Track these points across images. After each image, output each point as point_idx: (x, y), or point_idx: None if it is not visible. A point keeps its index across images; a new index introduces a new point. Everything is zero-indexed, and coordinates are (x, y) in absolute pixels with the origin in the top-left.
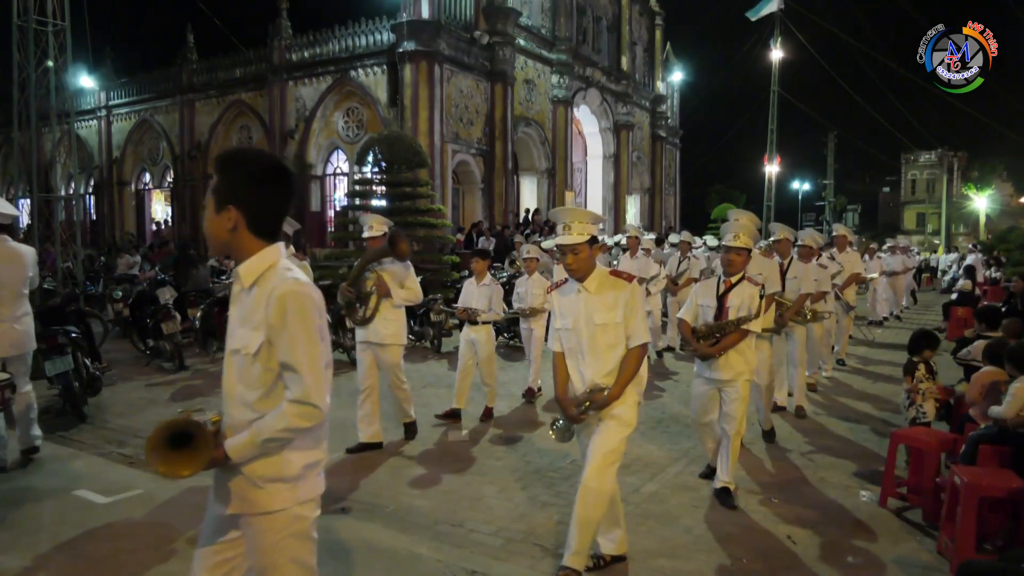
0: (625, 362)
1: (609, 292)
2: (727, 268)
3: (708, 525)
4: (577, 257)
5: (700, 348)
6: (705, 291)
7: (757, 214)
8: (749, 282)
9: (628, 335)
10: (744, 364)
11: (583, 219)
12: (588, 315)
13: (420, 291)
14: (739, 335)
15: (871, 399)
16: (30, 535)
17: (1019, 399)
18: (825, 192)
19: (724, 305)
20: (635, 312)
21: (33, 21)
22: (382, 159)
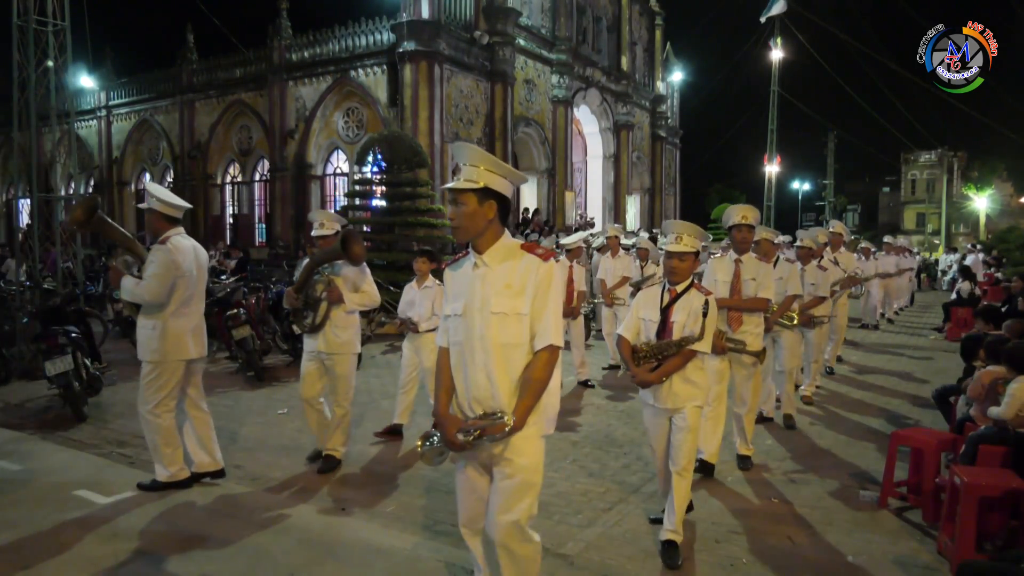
0: (529, 373)
1: (516, 271)
2: (670, 276)
3: (708, 525)
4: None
5: (638, 374)
6: (647, 302)
7: None
8: (697, 291)
9: (534, 332)
10: (691, 390)
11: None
12: (484, 299)
13: (377, 294)
14: (682, 358)
15: (871, 400)
16: (30, 535)
17: (1018, 399)
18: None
19: (668, 319)
20: (547, 301)
21: (33, 21)
22: (382, 159)
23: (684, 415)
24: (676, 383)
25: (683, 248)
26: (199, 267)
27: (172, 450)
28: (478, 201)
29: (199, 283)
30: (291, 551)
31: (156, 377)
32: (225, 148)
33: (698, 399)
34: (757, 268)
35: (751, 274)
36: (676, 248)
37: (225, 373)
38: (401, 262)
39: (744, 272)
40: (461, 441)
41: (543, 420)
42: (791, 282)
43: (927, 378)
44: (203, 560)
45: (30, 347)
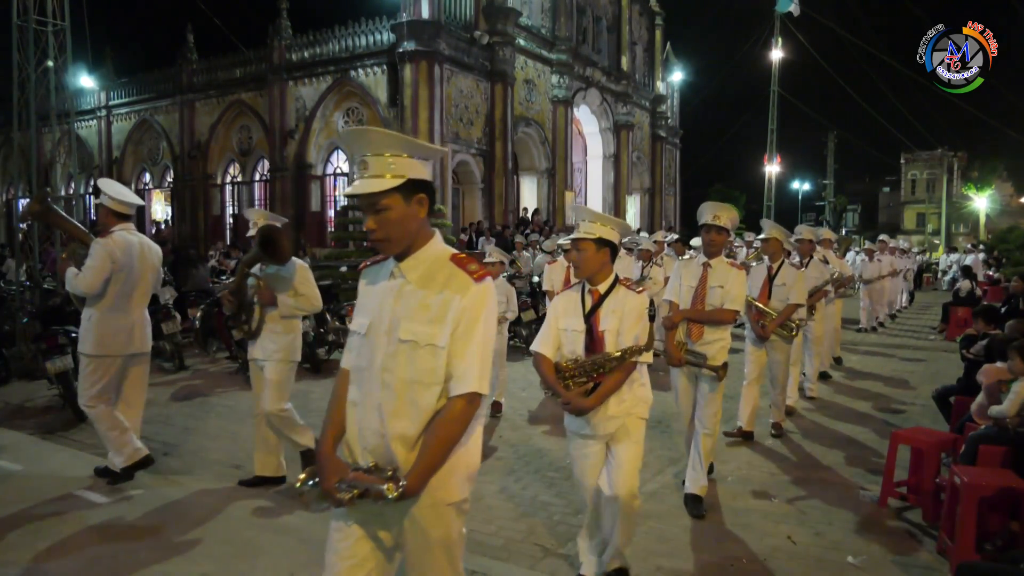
0: (436, 426)
1: (437, 289)
2: (577, 270)
3: (707, 525)
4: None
5: (571, 400)
6: (566, 308)
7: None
8: (627, 289)
9: (451, 373)
10: (627, 404)
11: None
12: (392, 320)
13: (316, 298)
14: (624, 373)
15: (870, 400)
16: (30, 535)
17: (1020, 397)
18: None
19: (595, 328)
20: (472, 334)
21: (33, 21)
22: None
23: (628, 438)
24: (611, 404)
25: (586, 235)
26: (144, 263)
27: (119, 433)
28: (404, 200)
29: (143, 279)
30: (291, 551)
31: (92, 371)
32: (225, 148)
33: (638, 410)
34: (726, 275)
35: (719, 281)
36: (581, 235)
37: (225, 373)
38: None
39: (711, 278)
40: (337, 497)
41: (455, 482)
42: (794, 289)
43: (927, 378)
44: (203, 560)
45: (30, 347)
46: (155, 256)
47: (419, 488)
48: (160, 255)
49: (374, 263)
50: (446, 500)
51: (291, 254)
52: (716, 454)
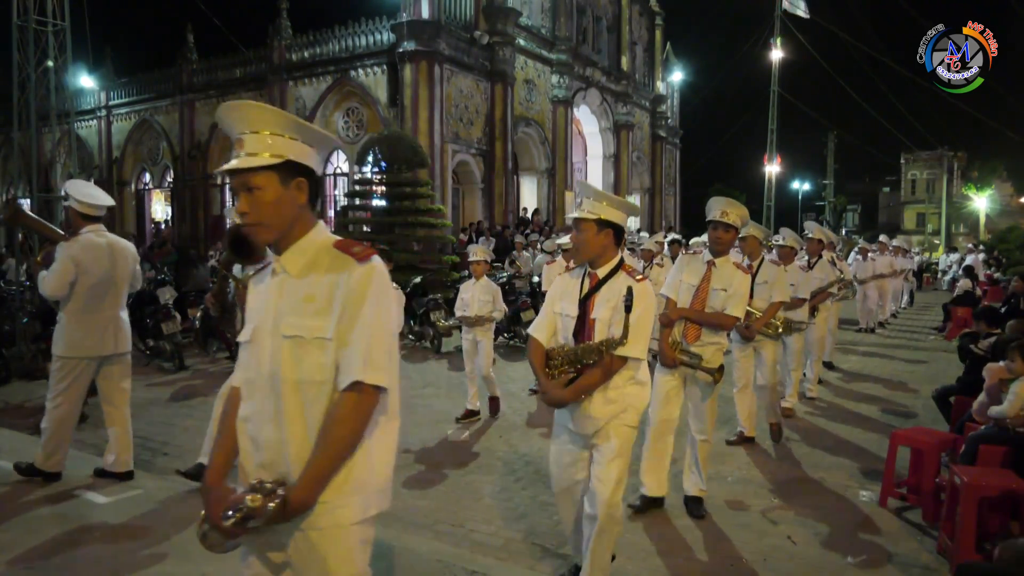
0: (327, 425)
1: (321, 277)
2: (577, 254)
3: (707, 525)
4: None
5: (548, 389)
6: (565, 291)
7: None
8: (627, 275)
9: (339, 364)
10: (614, 408)
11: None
12: (276, 317)
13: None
14: (603, 370)
15: (870, 400)
16: (30, 535)
17: (1020, 398)
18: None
19: (587, 314)
20: (358, 317)
21: (33, 21)
22: (382, 159)
23: (611, 445)
24: (596, 404)
25: (587, 214)
26: (114, 265)
27: (57, 440)
28: (281, 181)
29: (114, 281)
30: None
31: (59, 370)
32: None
33: (625, 417)
34: (731, 278)
35: (722, 283)
36: (582, 215)
37: (225, 373)
38: (401, 262)
39: (715, 279)
40: (224, 526)
41: (359, 495)
42: (776, 287)
43: (927, 378)
44: (203, 560)
45: (30, 347)
46: (127, 257)
47: (304, 501)
48: (134, 255)
49: (258, 271)
50: (344, 520)
51: None
52: (716, 454)
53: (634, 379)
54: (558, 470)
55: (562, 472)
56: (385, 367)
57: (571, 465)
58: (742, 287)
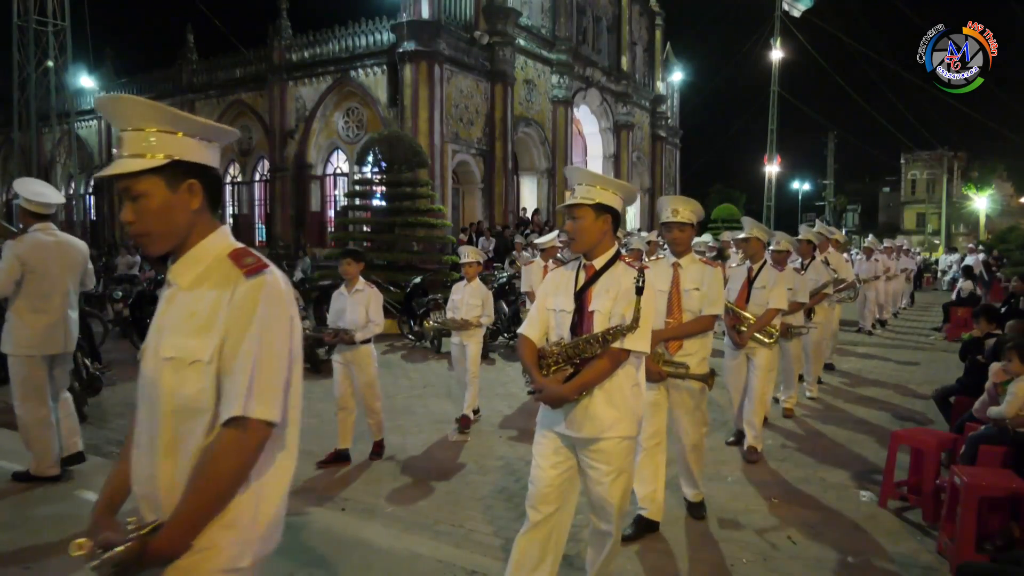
0: (201, 464)
1: (207, 292)
2: (574, 244)
3: (708, 525)
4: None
5: (546, 385)
6: (558, 285)
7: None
8: (626, 265)
9: (221, 394)
10: (616, 413)
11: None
12: (159, 336)
13: None
14: (610, 361)
15: (870, 400)
16: (30, 535)
17: (1019, 398)
18: (825, 192)
19: (585, 307)
20: (243, 340)
21: (33, 21)
22: (382, 159)
23: (607, 456)
24: (598, 402)
25: (584, 200)
26: (63, 263)
27: (42, 448)
28: (168, 185)
29: (61, 279)
30: (291, 551)
31: (15, 372)
32: (225, 148)
33: (624, 425)
34: (702, 275)
35: (694, 282)
36: (577, 200)
37: None
38: (401, 262)
39: (685, 280)
40: (90, 566)
41: (229, 542)
42: (775, 293)
43: (927, 379)
44: None
45: None
46: (75, 255)
47: (167, 548)
48: (85, 254)
49: None
50: (212, 566)
51: None
52: (715, 458)
53: (634, 380)
54: (546, 478)
55: (551, 479)
56: (275, 398)
57: (562, 476)
58: (715, 283)
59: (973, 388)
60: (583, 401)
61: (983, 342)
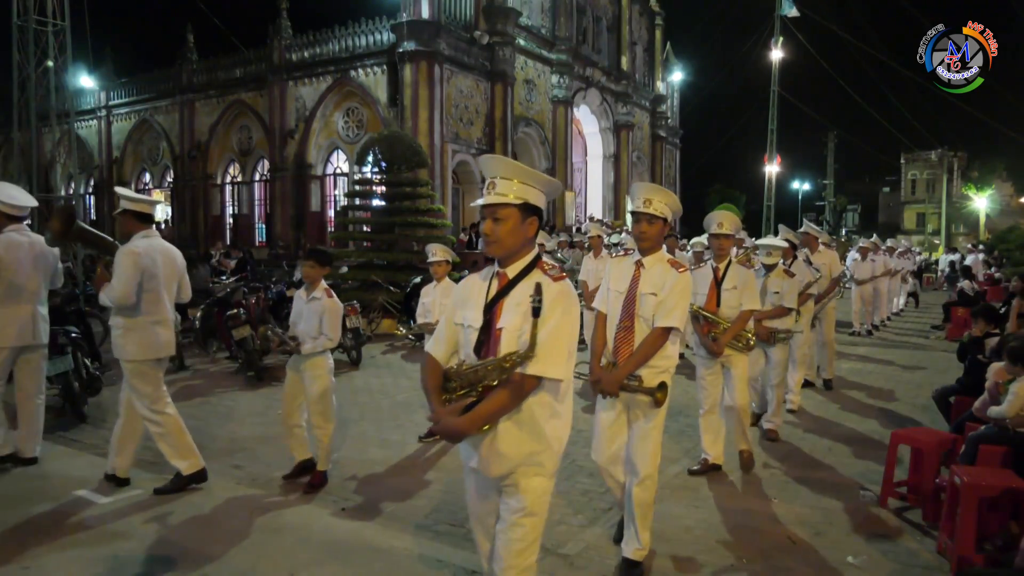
0: None
1: None
2: (490, 247)
3: (708, 525)
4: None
5: (440, 416)
6: (467, 296)
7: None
8: (542, 274)
9: None
10: (531, 446)
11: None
12: None
13: (116, 288)
14: (511, 393)
15: (870, 400)
16: (30, 535)
17: (1020, 398)
18: (825, 192)
19: (493, 324)
20: None
21: (33, 21)
22: (382, 159)
23: (517, 499)
24: (506, 436)
25: (504, 198)
26: (34, 262)
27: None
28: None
29: (32, 277)
30: (291, 551)
31: None
32: (225, 148)
33: (541, 459)
34: (663, 278)
35: (652, 286)
36: (493, 198)
37: (225, 373)
38: (401, 262)
39: (643, 282)
40: None
41: None
42: (747, 294)
43: (927, 378)
44: (203, 560)
45: None
46: (47, 255)
47: None
48: (55, 254)
49: None
50: None
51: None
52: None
53: (553, 409)
54: (474, 512)
55: (476, 515)
56: None
57: (483, 511)
58: (677, 289)
59: (973, 388)
60: (488, 436)
61: (982, 342)
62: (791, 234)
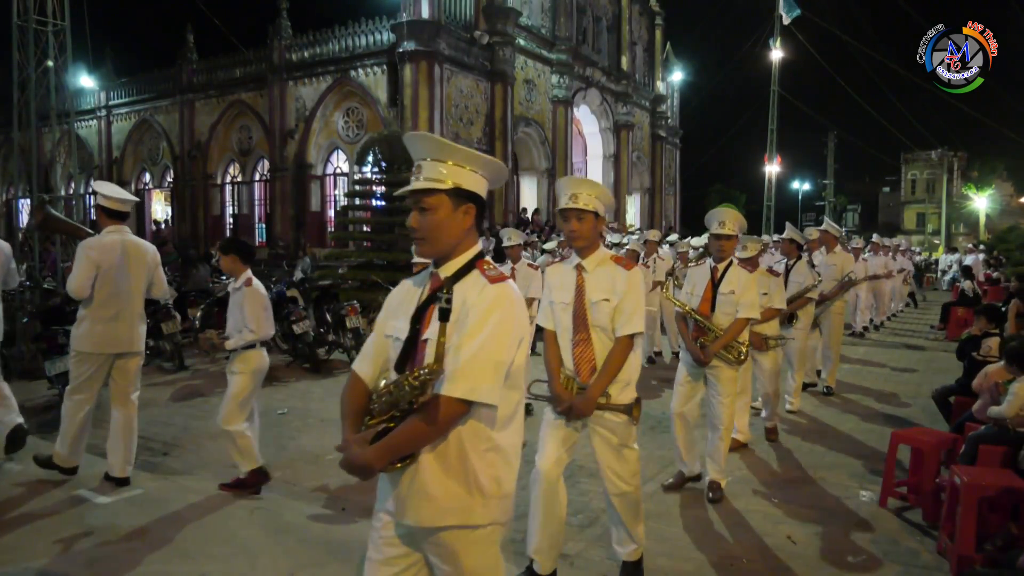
0: None
1: None
2: (422, 245)
3: (708, 525)
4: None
5: (345, 445)
6: (400, 303)
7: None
8: (479, 276)
9: None
10: (459, 489)
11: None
12: None
13: (74, 281)
14: (422, 417)
15: (870, 400)
16: (30, 535)
17: (1020, 398)
18: (825, 192)
19: (419, 336)
20: None
21: (33, 21)
22: (382, 159)
23: (449, 551)
24: (429, 474)
25: (434, 182)
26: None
27: None
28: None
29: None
30: (291, 551)
31: None
32: (225, 148)
33: (473, 510)
34: (612, 280)
35: (603, 291)
36: (421, 183)
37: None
38: (401, 262)
39: (589, 287)
40: None
41: None
42: (745, 299)
43: (926, 378)
44: (203, 560)
45: (30, 347)
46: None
47: None
48: (8, 254)
49: None
50: None
51: None
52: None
53: (490, 443)
54: None
55: None
56: None
57: None
58: (632, 290)
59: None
60: (407, 473)
61: (980, 340)
62: (796, 233)
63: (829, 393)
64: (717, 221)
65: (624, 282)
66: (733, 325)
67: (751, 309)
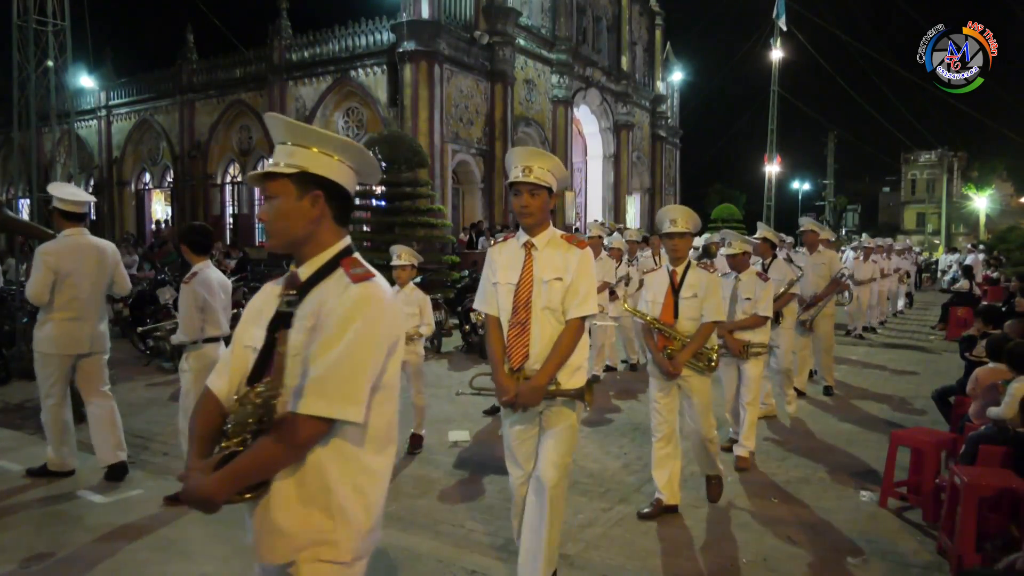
0: None
1: None
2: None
3: (708, 525)
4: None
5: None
6: (260, 309)
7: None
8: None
9: None
10: (320, 520)
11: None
12: None
13: (32, 287)
14: (273, 438)
15: (870, 400)
16: (30, 535)
17: (1018, 399)
18: (825, 192)
19: (275, 347)
20: None
21: (33, 21)
22: (382, 159)
23: None
24: (284, 505)
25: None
26: None
27: None
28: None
29: None
30: None
31: None
32: (225, 148)
33: (332, 540)
34: (564, 260)
35: (555, 269)
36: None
37: None
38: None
39: (541, 266)
40: None
41: None
42: (709, 302)
43: (926, 378)
44: (203, 560)
45: (30, 347)
46: None
47: None
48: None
49: None
50: None
51: None
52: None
53: (358, 464)
54: None
55: None
56: None
57: None
58: (585, 269)
59: None
60: (260, 504)
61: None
62: (769, 232)
63: (829, 392)
64: (668, 219)
65: (577, 261)
66: (699, 331)
67: (716, 312)
